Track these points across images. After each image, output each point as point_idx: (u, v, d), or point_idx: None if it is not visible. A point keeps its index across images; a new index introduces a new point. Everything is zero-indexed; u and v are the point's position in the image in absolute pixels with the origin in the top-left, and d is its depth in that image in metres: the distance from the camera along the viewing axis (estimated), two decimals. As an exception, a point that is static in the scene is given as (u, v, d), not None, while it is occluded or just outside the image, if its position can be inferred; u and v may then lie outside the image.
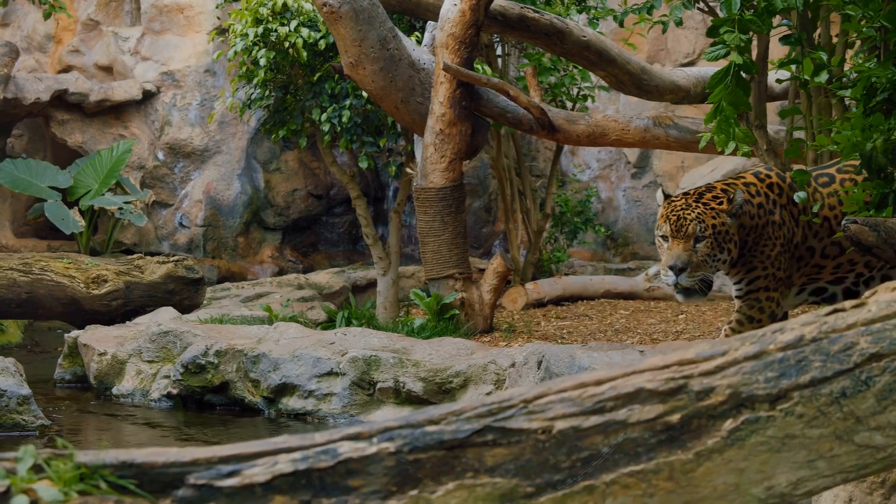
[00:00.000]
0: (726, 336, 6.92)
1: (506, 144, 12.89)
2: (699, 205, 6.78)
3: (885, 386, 2.55)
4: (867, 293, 2.71)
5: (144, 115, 15.39)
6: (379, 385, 7.39)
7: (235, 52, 11.25)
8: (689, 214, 6.71)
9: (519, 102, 9.69)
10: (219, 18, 14.09)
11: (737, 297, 7.12)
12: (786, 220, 6.99)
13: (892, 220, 5.19)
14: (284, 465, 2.41)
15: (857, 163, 6.54)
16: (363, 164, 11.50)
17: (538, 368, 6.23)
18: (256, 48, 11.07)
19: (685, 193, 6.95)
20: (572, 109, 12.53)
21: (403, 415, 2.55)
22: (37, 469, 2.32)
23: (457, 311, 9.31)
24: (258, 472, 2.40)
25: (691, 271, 6.66)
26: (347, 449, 2.45)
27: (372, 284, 12.12)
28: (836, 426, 2.53)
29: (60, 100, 14.73)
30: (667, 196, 6.96)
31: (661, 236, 6.82)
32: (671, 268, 6.65)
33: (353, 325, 9.19)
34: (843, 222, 5.34)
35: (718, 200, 6.81)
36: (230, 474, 2.39)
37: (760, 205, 6.94)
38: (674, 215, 6.75)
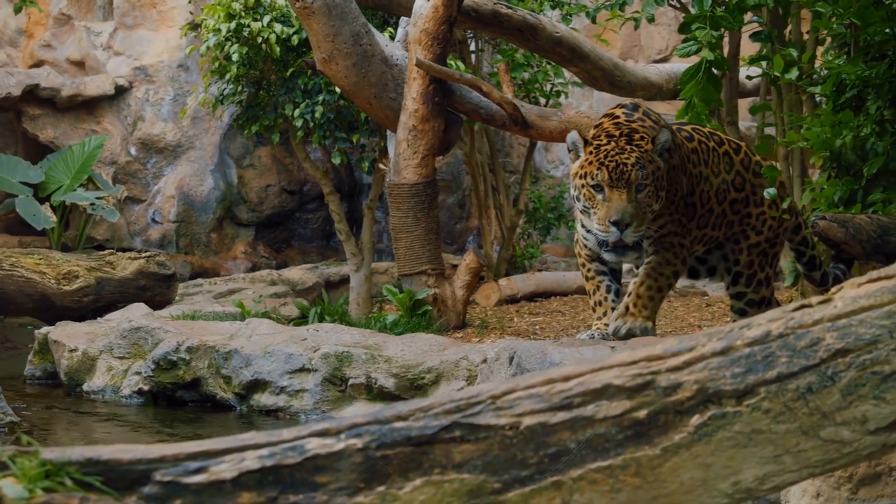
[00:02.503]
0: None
1: (479, 140, 12.89)
2: (634, 147, 6.06)
3: (851, 381, 2.57)
4: (834, 289, 2.72)
5: (117, 111, 15.33)
6: (351, 381, 7.38)
7: (208, 48, 11.22)
8: (627, 159, 5.98)
9: (492, 98, 9.69)
10: (191, 13, 14.03)
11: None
12: (677, 165, 6.41)
13: (860, 217, 5.23)
14: (251, 461, 2.40)
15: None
16: (336, 160, 11.49)
17: (510, 364, 6.23)
18: (229, 43, 11.03)
19: (608, 135, 6.15)
20: (546, 105, 12.54)
21: (372, 411, 2.55)
22: (2, 466, 2.31)
23: (429, 307, 9.31)
24: (225, 469, 2.39)
25: (637, 225, 5.97)
26: (315, 445, 2.44)
27: (345, 280, 12.11)
28: (802, 421, 2.54)
29: (32, 95, 14.65)
30: (587, 140, 6.19)
31: (593, 186, 6.01)
32: (615, 223, 5.91)
33: (325, 322, 9.17)
34: (812, 219, 5.37)
35: (646, 141, 6.12)
36: (197, 471, 2.38)
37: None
38: (610, 161, 5.98)
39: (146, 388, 8.05)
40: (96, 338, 8.69)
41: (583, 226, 6.45)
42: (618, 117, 6.38)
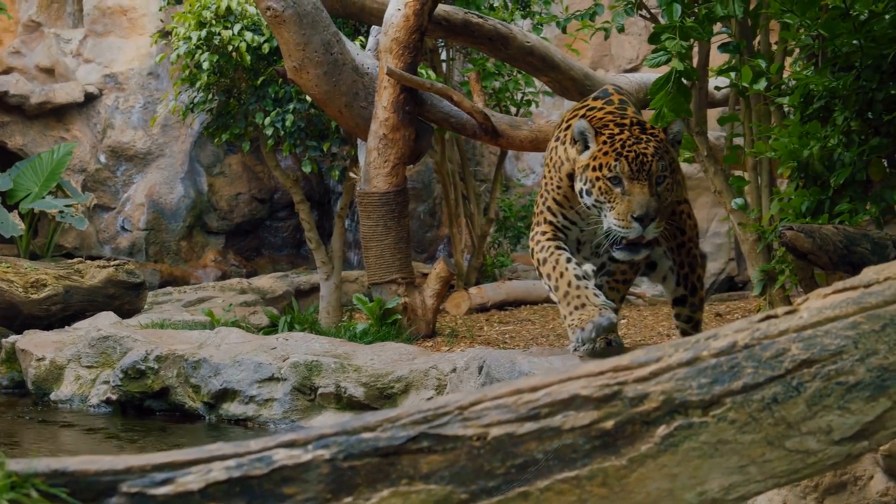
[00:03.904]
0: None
1: (450, 149, 12.91)
2: (650, 137, 5.62)
3: (816, 392, 2.58)
4: (799, 300, 2.74)
5: (86, 118, 15.26)
6: (320, 390, 7.36)
7: (178, 56, 11.19)
8: (647, 150, 5.52)
9: (462, 107, 9.70)
10: (162, 21, 14.01)
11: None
12: None
13: (827, 227, 5.25)
14: (218, 472, 2.40)
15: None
16: (307, 169, 11.48)
17: (479, 373, 6.24)
18: (199, 51, 11.01)
19: (619, 125, 5.69)
20: (516, 114, 12.57)
21: (340, 421, 2.54)
22: (-34, 478, 2.30)
23: (399, 316, 9.30)
24: (192, 480, 2.38)
25: (659, 220, 5.50)
26: (282, 456, 2.44)
27: (315, 289, 12.10)
28: (767, 432, 2.56)
29: (0, 101, 14.56)
30: (597, 130, 5.69)
31: (610, 178, 5.53)
32: (639, 218, 5.43)
33: (295, 330, 9.16)
34: (780, 229, 5.39)
35: (658, 130, 5.74)
36: (164, 482, 2.37)
37: None
38: (629, 151, 5.51)
39: (114, 397, 8.02)
40: (64, 347, 8.65)
41: (565, 217, 6.03)
42: (607, 108, 6.01)
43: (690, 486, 2.52)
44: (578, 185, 5.70)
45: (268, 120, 11.08)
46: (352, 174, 10.84)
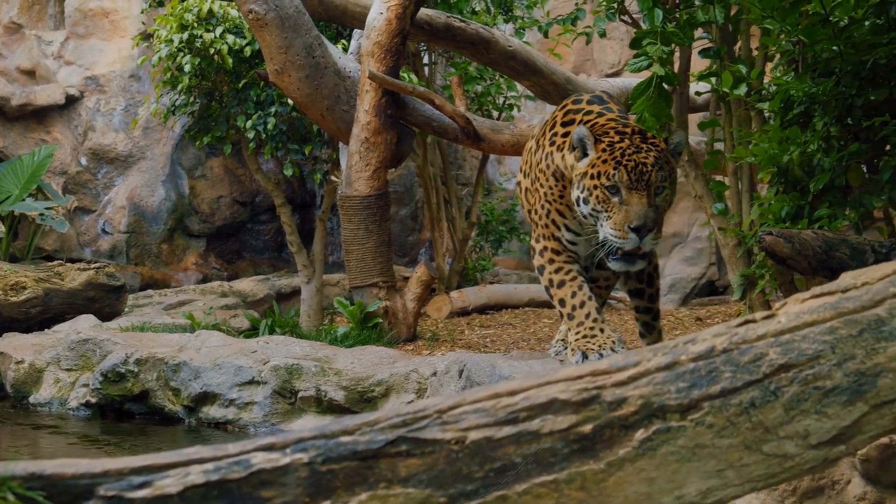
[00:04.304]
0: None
1: (432, 153, 12.92)
2: (651, 146, 5.54)
3: (793, 396, 2.59)
4: (777, 305, 2.75)
5: (67, 120, 15.22)
6: (301, 394, 7.35)
7: (160, 58, 11.18)
8: (647, 159, 5.44)
9: (444, 111, 9.71)
10: (144, 24, 13.98)
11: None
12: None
13: (806, 233, 5.27)
14: (196, 476, 2.39)
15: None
16: (288, 172, 11.48)
17: (459, 377, 6.24)
18: (181, 54, 11.00)
19: (620, 133, 5.61)
20: (498, 118, 12.59)
21: (319, 425, 2.54)
22: (-57, 481, 2.29)
23: (380, 320, 9.30)
24: (170, 484, 2.38)
25: (657, 231, 5.44)
26: (261, 460, 2.44)
27: (296, 292, 12.09)
28: (745, 436, 2.57)
29: (-20, 104, 14.52)
30: (597, 137, 5.60)
31: (608, 187, 5.44)
32: (637, 229, 5.36)
33: (276, 334, 9.15)
34: (759, 234, 5.40)
35: (659, 140, 5.66)
36: (141, 486, 2.37)
37: None
38: (628, 160, 5.43)
39: (94, 400, 7.99)
40: (43, 349, 8.62)
41: (569, 229, 5.94)
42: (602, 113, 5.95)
43: (668, 490, 2.53)
44: (575, 193, 5.62)
45: (249, 123, 11.07)
46: (333, 178, 10.84)
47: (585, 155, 5.60)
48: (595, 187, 5.46)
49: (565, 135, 5.84)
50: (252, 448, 2.44)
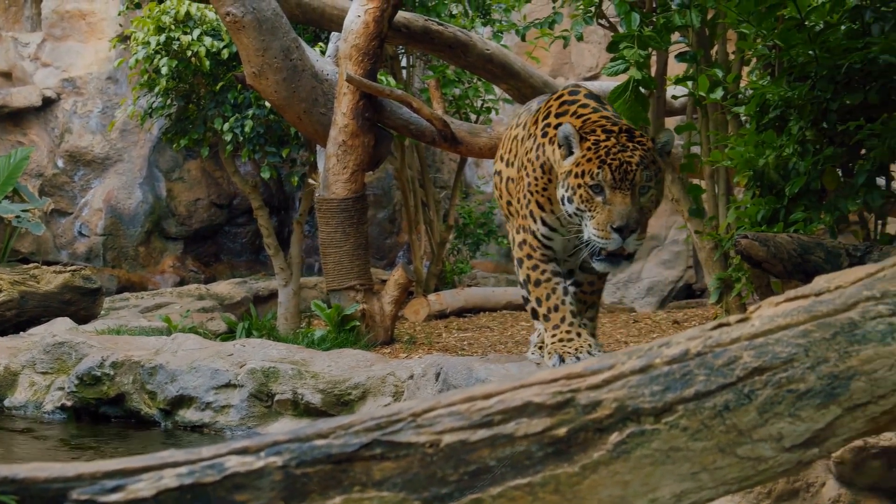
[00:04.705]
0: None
1: (410, 156, 12.92)
2: (637, 145, 5.41)
3: (767, 399, 2.60)
4: (751, 308, 2.76)
5: (44, 122, 15.15)
6: (277, 397, 7.33)
7: (137, 60, 11.15)
8: (632, 158, 5.33)
9: (422, 114, 9.71)
10: (121, 25, 13.94)
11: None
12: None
13: (781, 236, 5.29)
14: (170, 479, 2.39)
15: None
16: (265, 175, 11.46)
17: (436, 380, 6.24)
18: (158, 56, 10.97)
19: (606, 131, 5.49)
20: (476, 122, 12.60)
21: (294, 428, 2.54)
22: (-86, 485, 2.28)
23: (358, 323, 9.29)
24: (143, 488, 2.37)
25: (640, 232, 5.32)
26: (235, 463, 2.43)
27: (274, 295, 12.06)
28: (719, 439, 2.57)
29: (-43, 105, 14.46)
30: (582, 135, 5.49)
31: (592, 186, 5.34)
32: (619, 229, 5.24)
33: (253, 337, 9.13)
34: (735, 237, 5.42)
35: (646, 138, 5.53)
36: (114, 489, 2.36)
37: None
38: (613, 159, 5.32)
39: (69, 403, 7.95)
40: (19, 352, 8.57)
41: (545, 223, 5.86)
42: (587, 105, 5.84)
43: (642, 492, 2.53)
44: (560, 192, 5.53)
45: (227, 125, 11.05)
46: (311, 180, 10.82)
47: (571, 153, 5.50)
48: (579, 186, 5.37)
49: (559, 126, 5.71)
50: (226, 451, 2.44)
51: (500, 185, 6.46)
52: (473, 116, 12.89)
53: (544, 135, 5.86)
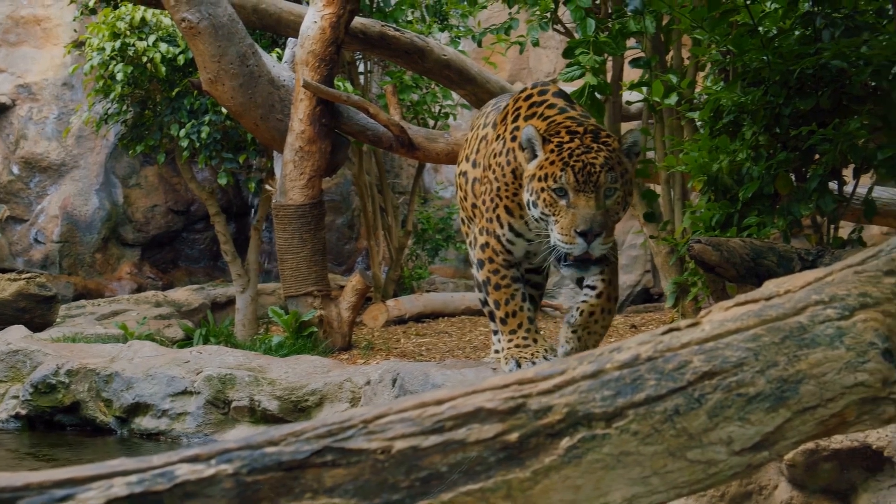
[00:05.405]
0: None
1: (368, 161, 12.91)
2: (601, 146, 5.22)
3: (717, 403, 2.61)
4: (702, 313, 2.77)
5: (-1, 129, 15.05)
6: (234, 404, 7.31)
7: (92, 67, 11.09)
8: (596, 160, 5.14)
9: (379, 120, 9.71)
10: (76, 31, 13.84)
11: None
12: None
13: (734, 241, 5.33)
14: (120, 488, 2.36)
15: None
16: (222, 181, 11.42)
17: (393, 386, 6.23)
18: (113, 62, 10.92)
19: (570, 132, 5.31)
20: (434, 127, 12.61)
21: (245, 436, 2.53)
22: None
23: (315, 329, 9.27)
24: (92, 497, 2.35)
25: (606, 236, 5.14)
26: (185, 471, 2.41)
27: (232, 301, 12.03)
28: (669, 443, 2.58)
29: None
30: (545, 137, 5.32)
31: (555, 189, 5.18)
32: (583, 234, 5.07)
33: (210, 343, 9.10)
34: (688, 241, 5.45)
35: (612, 139, 5.33)
36: (63, 499, 2.34)
37: None
38: (576, 161, 5.14)
39: (23, 412, 7.89)
40: (-28, 361, 8.49)
41: (512, 229, 5.70)
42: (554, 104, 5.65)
43: (594, 497, 2.54)
44: (525, 196, 5.37)
45: (183, 132, 11.01)
46: (268, 186, 10.80)
47: (535, 155, 5.34)
48: (542, 190, 5.21)
49: None
50: (177, 459, 2.42)
51: (465, 186, 6.30)
52: (432, 122, 12.90)
53: (514, 139, 5.66)
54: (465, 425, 2.52)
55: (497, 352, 6.38)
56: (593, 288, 5.71)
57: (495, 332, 6.48)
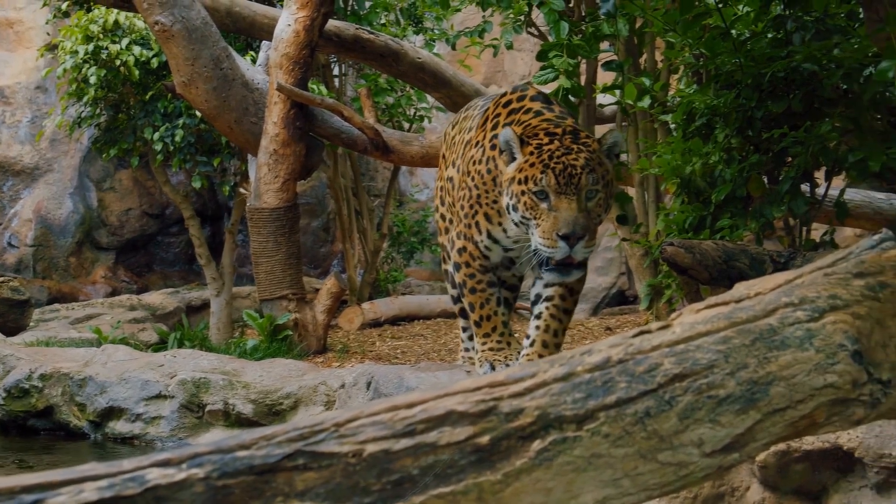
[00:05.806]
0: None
1: (343, 164, 12.90)
2: (581, 147, 5.13)
3: (688, 405, 2.62)
4: (673, 315, 2.79)
5: (-29, 132, 14.97)
6: (208, 407, 7.29)
7: (65, 70, 11.05)
8: (576, 161, 5.05)
9: (353, 123, 9.70)
10: (49, 34, 13.79)
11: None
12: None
13: (707, 243, 5.35)
14: (90, 493, 2.36)
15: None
16: (197, 184, 11.40)
17: (367, 389, 6.24)
18: (87, 66, 10.88)
19: (550, 134, 5.22)
20: (409, 130, 12.62)
21: (216, 439, 2.52)
22: None
23: (290, 332, 9.26)
24: (63, 502, 2.34)
25: (589, 239, 5.03)
26: (156, 476, 2.40)
27: (207, 305, 11.99)
28: (640, 445, 2.59)
29: None
30: (523, 139, 5.23)
31: (535, 192, 5.09)
32: (565, 237, 4.98)
33: (185, 347, 9.07)
34: (662, 244, 5.46)
35: (592, 140, 5.25)
36: (33, 504, 2.33)
37: None
38: (556, 163, 5.05)
39: (-3, 417, 7.86)
40: (-55, 365, 8.44)
41: (490, 236, 5.63)
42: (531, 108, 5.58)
43: (565, 499, 2.55)
44: (505, 200, 5.28)
45: (157, 135, 10.98)
46: (242, 190, 10.78)
47: (514, 159, 5.25)
48: (523, 193, 5.12)
49: None
50: (147, 464, 2.41)
51: (452, 192, 6.17)
52: (407, 125, 12.90)
53: (493, 147, 5.56)
54: (437, 428, 2.52)
55: (466, 350, 6.41)
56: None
57: (465, 329, 6.48)
